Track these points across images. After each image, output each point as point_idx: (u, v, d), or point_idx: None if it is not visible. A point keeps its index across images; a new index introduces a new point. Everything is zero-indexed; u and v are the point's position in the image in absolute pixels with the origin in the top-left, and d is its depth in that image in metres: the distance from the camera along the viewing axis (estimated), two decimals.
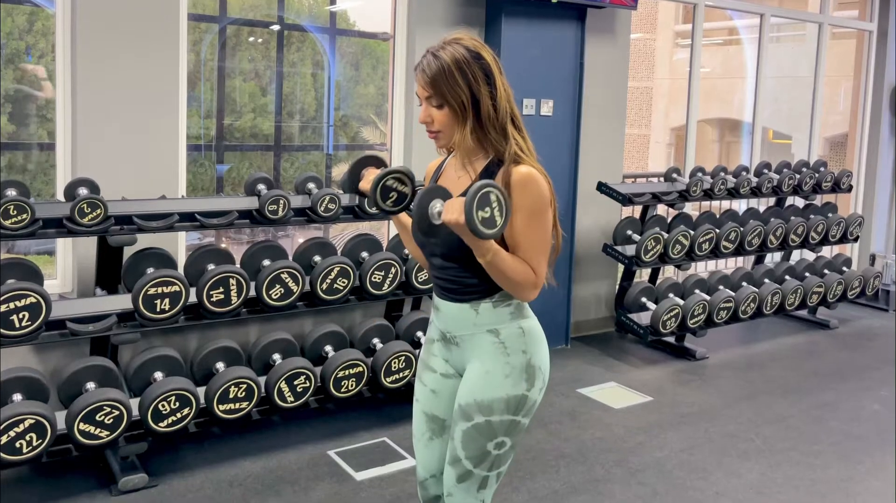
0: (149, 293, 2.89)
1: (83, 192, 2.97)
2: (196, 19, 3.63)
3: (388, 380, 3.38)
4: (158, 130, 3.37)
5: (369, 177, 1.89)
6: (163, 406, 2.85)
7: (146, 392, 2.87)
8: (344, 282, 3.34)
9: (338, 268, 3.30)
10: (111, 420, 2.75)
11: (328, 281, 3.30)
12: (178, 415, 2.90)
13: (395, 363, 3.37)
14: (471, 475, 1.84)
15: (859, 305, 6.07)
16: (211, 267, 3.19)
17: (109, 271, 3.13)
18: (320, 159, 4.36)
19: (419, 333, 3.66)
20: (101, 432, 2.75)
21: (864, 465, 3.34)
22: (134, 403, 2.90)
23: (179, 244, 3.53)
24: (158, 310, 2.93)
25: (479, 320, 1.81)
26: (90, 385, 2.88)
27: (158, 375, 3.04)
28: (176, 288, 2.93)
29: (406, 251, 3.71)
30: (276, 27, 3.96)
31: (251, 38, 4.03)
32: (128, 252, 3.14)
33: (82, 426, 2.70)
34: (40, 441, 2.64)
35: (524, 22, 4.13)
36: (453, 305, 1.83)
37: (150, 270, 3.10)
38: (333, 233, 4.99)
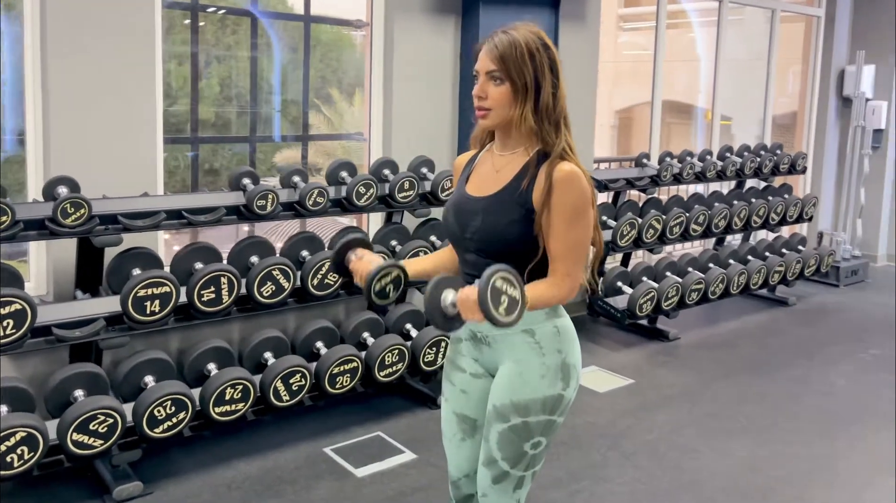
0: (139, 295, 2.77)
1: (63, 191, 2.82)
2: (170, 6, 3.47)
3: (382, 374, 3.35)
4: (135, 123, 3.22)
5: (360, 268, 1.80)
6: (158, 411, 2.75)
7: (141, 397, 2.76)
8: (335, 277, 3.28)
9: (328, 263, 3.23)
10: (105, 429, 2.64)
11: (319, 276, 3.24)
12: (174, 419, 2.80)
13: (388, 357, 3.34)
14: (507, 476, 1.84)
15: (812, 282, 6.31)
16: (199, 265, 3.09)
17: (91, 273, 2.99)
18: (269, 148, 4.24)
19: (408, 325, 3.63)
20: (94, 441, 2.63)
21: (841, 440, 3.49)
22: (126, 409, 2.79)
23: (159, 242, 3.39)
24: (148, 311, 2.82)
25: None
26: (78, 393, 2.75)
27: (149, 379, 2.93)
28: (166, 288, 2.83)
29: (394, 242, 3.67)
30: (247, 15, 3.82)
31: (185, 21, 3.83)
32: (109, 252, 3.01)
33: (76, 436, 2.59)
34: (32, 454, 2.52)
35: (501, 8, 4.11)
36: None
37: (135, 271, 2.97)
38: (268, 228, 4.85)
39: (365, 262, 1.81)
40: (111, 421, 2.65)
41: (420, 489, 2.95)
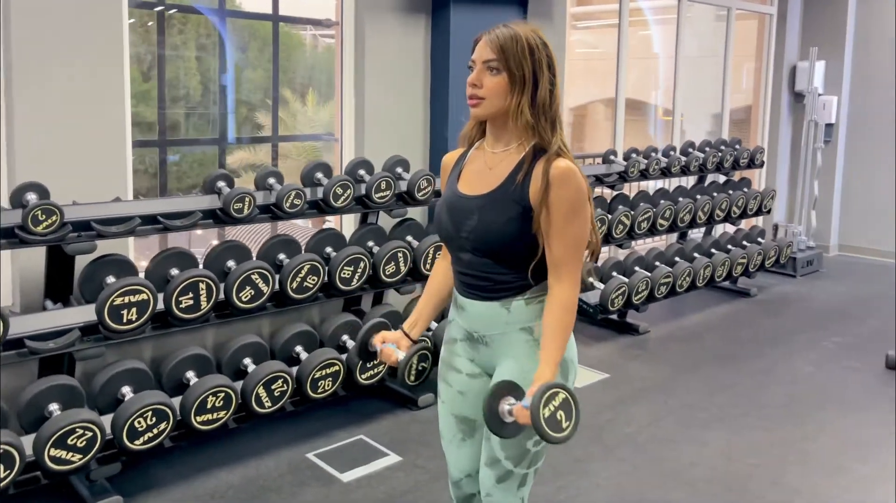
0: (115, 303, 2.68)
1: (32, 197, 2.71)
2: (138, 6, 3.37)
3: (364, 377, 3.32)
4: (103, 126, 3.12)
5: (390, 353, 1.87)
6: (139, 423, 2.68)
7: (120, 409, 2.68)
8: (314, 280, 3.23)
9: (308, 266, 3.19)
10: (84, 443, 2.56)
11: (298, 279, 3.19)
12: (155, 430, 2.73)
13: None
14: (511, 474, 1.84)
15: (770, 272, 6.48)
16: (174, 271, 3.01)
17: (61, 282, 2.89)
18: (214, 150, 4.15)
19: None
20: (73, 456, 2.55)
21: (811, 425, 3.60)
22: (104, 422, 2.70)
23: (130, 249, 3.29)
24: (125, 320, 2.73)
25: (512, 318, 1.78)
26: (53, 407, 2.66)
27: (126, 390, 2.85)
28: (143, 296, 2.75)
29: (370, 243, 3.64)
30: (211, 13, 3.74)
31: (131, 20, 3.72)
32: (79, 260, 2.91)
33: (53, 452, 2.50)
34: (8, 472, 2.42)
35: (471, 7, 4.11)
36: (482, 304, 1.79)
37: (109, 279, 2.88)
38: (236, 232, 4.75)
39: (389, 351, 1.88)
40: (90, 434, 2.56)
41: (409, 491, 2.93)
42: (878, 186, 7.15)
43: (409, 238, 3.75)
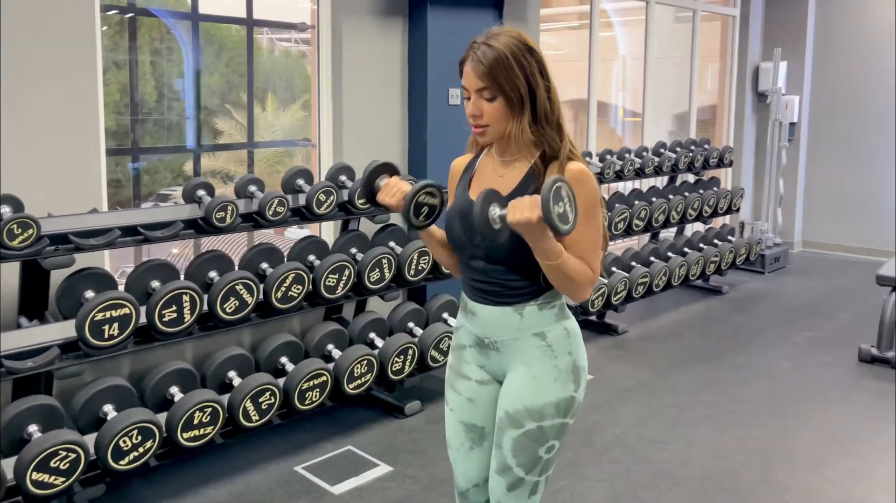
0: (96, 318, 2.58)
1: (6, 210, 2.60)
2: (109, 8, 3.26)
3: (351, 386, 3.26)
4: (76, 135, 3.01)
5: (392, 190, 1.75)
6: (124, 442, 2.58)
7: (104, 428, 2.58)
8: (298, 289, 3.16)
9: (293, 275, 3.12)
10: (67, 465, 2.45)
11: (283, 289, 3.12)
12: (141, 449, 2.63)
13: (357, 368, 3.25)
14: (522, 482, 1.81)
15: (740, 270, 6.59)
16: (156, 284, 2.92)
17: (36, 298, 2.78)
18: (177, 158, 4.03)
19: (372, 334, 3.55)
20: (55, 479, 2.44)
21: (793, 421, 3.65)
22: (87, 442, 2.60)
23: (105, 262, 3.18)
24: (107, 336, 2.63)
25: (525, 324, 1.76)
26: (33, 428, 2.54)
27: (108, 408, 2.74)
28: (126, 310, 2.65)
29: (354, 250, 3.58)
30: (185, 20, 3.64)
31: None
32: (56, 275, 2.79)
33: (35, 475, 2.39)
34: None
35: (448, 10, 4.08)
36: (494, 309, 1.77)
37: (88, 293, 2.78)
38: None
39: (403, 182, 1.76)
40: (73, 456, 2.46)
41: (402, 502, 2.88)
42: (838, 183, 7.33)
43: (392, 244, 3.71)
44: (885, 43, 6.92)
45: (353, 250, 3.57)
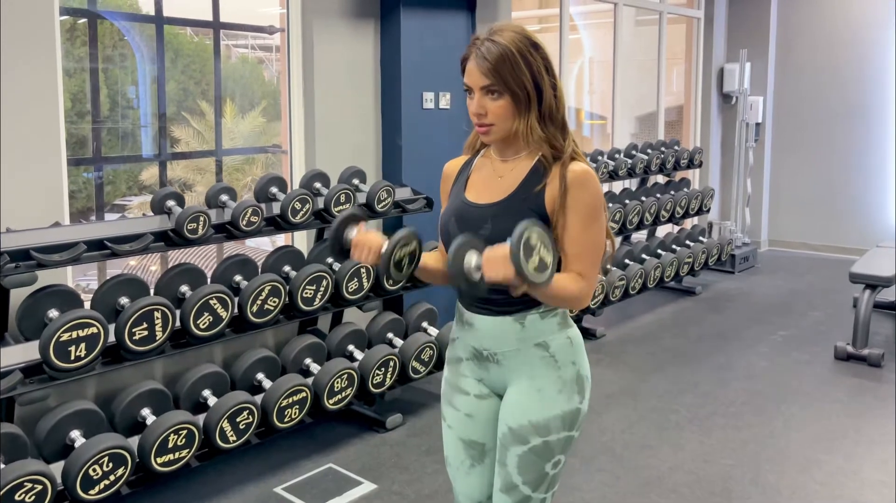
0: (61, 339, 2.43)
1: None
2: (68, 13, 3.09)
3: (331, 401, 3.15)
4: (34, 144, 2.84)
5: (364, 251, 1.61)
6: (94, 470, 2.43)
7: (72, 456, 2.42)
8: (275, 302, 3.04)
9: (269, 287, 3.00)
10: (33, 498, 2.30)
11: (258, 302, 2.99)
12: (112, 477, 2.48)
13: (337, 383, 3.14)
14: (529, 500, 1.74)
15: (711, 270, 6.62)
16: (124, 300, 2.76)
17: None
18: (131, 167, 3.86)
19: (351, 346, 3.44)
20: None
21: (776, 421, 3.64)
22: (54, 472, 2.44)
23: (68, 278, 3.01)
24: (73, 357, 2.48)
25: (526, 334, 1.69)
26: None
27: (76, 434, 2.58)
28: (93, 330, 2.50)
29: (330, 260, 3.46)
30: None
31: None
32: (16, 294, 2.63)
33: None
34: None
35: (421, 13, 3.99)
36: (493, 320, 1.70)
37: (52, 312, 2.61)
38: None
39: (374, 235, 1.62)
40: (39, 488, 2.30)
41: None
42: (802, 182, 7.44)
43: None
44: (845, 42, 7.04)
45: (330, 260, 3.45)
